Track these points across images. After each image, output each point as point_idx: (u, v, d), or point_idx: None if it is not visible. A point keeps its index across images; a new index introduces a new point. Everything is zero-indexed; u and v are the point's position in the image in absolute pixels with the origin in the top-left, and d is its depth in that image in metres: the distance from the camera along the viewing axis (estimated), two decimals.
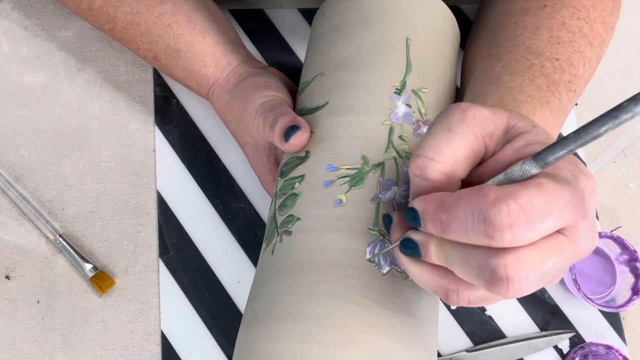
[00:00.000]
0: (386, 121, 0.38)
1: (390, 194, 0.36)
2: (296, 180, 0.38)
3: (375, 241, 0.34)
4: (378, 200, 0.35)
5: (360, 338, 0.31)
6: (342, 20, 0.42)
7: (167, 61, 0.47)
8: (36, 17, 0.56)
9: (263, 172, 0.47)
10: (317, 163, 0.38)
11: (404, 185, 0.36)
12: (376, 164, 0.36)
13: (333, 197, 0.36)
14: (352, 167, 0.36)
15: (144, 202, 0.52)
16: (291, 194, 0.38)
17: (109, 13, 0.46)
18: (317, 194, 0.36)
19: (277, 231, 0.37)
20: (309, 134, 0.39)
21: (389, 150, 0.37)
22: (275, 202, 0.39)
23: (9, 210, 0.51)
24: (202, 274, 0.50)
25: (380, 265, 0.34)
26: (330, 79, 0.41)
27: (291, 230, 0.36)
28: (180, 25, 0.46)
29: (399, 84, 0.39)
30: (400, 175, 0.36)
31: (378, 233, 0.34)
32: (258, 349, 0.33)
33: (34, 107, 0.54)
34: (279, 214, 0.38)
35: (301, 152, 0.39)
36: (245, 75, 0.46)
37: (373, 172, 0.36)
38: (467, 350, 0.49)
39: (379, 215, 0.35)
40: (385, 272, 0.34)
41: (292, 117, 0.40)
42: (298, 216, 0.36)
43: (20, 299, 0.49)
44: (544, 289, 0.51)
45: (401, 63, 0.40)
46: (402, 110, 0.38)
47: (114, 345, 0.48)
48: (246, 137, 0.45)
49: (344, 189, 0.36)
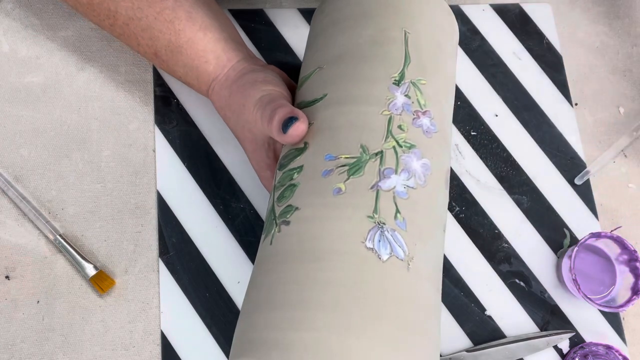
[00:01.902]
0: (385, 111, 0.38)
1: (390, 182, 0.36)
2: (295, 171, 0.38)
3: (375, 229, 0.34)
4: (377, 189, 0.35)
5: (360, 325, 0.31)
6: (340, 15, 0.43)
7: (168, 57, 0.47)
8: (36, 17, 0.56)
9: (262, 167, 0.47)
10: (316, 153, 0.38)
11: (404, 173, 0.36)
12: (375, 152, 0.36)
13: (332, 186, 0.36)
14: (351, 156, 0.36)
15: (144, 202, 0.52)
16: (290, 185, 0.38)
17: (110, 8, 0.46)
18: (316, 183, 0.36)
19: (276, 222, 0.37)
20: (307, 124, 0.39)
21: (388, 139, 0.37)
22: (274, 194, 0.39)
23: (9, 210, 0.51)
24: (202, 274, 0.50)
25: (379, 252, 0.34)
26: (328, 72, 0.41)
27: (290, 220, 0.36)
28: (181, 21, 0.46)
29: (398, 75, 0.39)
30: (400, 164, 0.36)
31: (377, 221, 0.34)
32: (256, 338, 0.33)
33: (34, 107, 0.54)
34: (278, 205, 0.38)
35: (300, 143, 0.39)
36: (245, 71, 0.46)
37: (372, 161, 0.36)
38: (467, 350, 0.49)
39: (378, 203, 0.35)
40: (385, 259, 0.33)
41: (290, 108, 0.40)
42: (297, 206, 0.36)
43: (20, 299, 0.49)
44: (544, 289, 0.51)
45: (400, 55, 0.40)
46: (401, 101, 0.38)
47: (114, 345, 0.48)
48: (245, 132, 0.45)
49: (342, 177, 0.36)
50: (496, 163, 0.55)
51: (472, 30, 0.58)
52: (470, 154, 0.55)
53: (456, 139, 0.55)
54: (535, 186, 0.54)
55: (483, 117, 0.56)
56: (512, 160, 0.55)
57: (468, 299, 0.50)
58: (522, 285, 0.51)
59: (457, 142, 0.55)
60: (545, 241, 0.53)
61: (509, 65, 0.58)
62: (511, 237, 0.53)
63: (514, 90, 0.57)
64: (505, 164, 0.55)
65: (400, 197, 0.36)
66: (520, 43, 0.59)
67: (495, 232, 0.53)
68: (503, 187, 0.54)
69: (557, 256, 0.52)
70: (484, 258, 0.52)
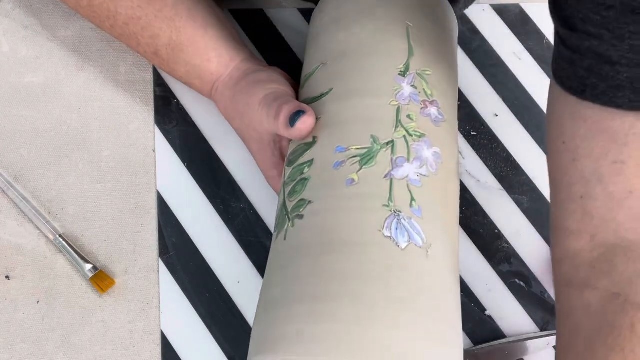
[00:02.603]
0: (393, 102, 0.38)
1: (403, 171, 0.36)
2: (305, 165, 0.38)
3: (392, 217, 0.34)
4: (391, 178, 0.35)
5: (380, 314, 0.31)
6: (340, 13, 0.43)
7: (169, 56, 0.47)
8: (36, 17, 0.56)
9: (268, 167, 0.46)
10: (326, 146, 0.38)
11: (416, 162, 0.36)
12: (386, 142, 0.36)
13: (344, 178, 0.35)
14: (362, 146, 0.36)
15: (144, 202, 0.52)
16: (301, 179, 0.37)
17: (110, 8, 0.46)
18: (328, 175, 0.36)
19: (289, 217, 0.37)
20: (314, 118, 0.39)
21: (398, 129, 0.37)
22: (285, 190, 0.39)
23: (9, 210, 0.51)
24: (202, 274, 0.50)
25: (397, 240, 0.33)
26: (333, 67, 0.41)
27: (303, 214, 0.36)
28: (182, 18, 0.46)
29: (403, 67, 0.39)
30: (411, 152, 0.36)
31: (393, 209, 0.34)
32: (277, 334, 0.32)
33: (34, 107, 0.54)
34: (289, 201, 0.37)
35: (308, 137, 0.39)
36: (249, 71, 0.46)
37: (384, 150, 0.36)
38: (467, 350, 0.49)
39: (392, 192, 0.35)
40: (404, 247, 0.33)
41: (296, 103, 0.40)
42: (309, 199, 0.36)
43: (20, 299, 0.49)
44: (544, 289, 0.51)
45: (403, 48, 0.40)
46: (408, 91, 0.38)
47: (114, 345, 0.48)
48: (250, 132, 0.45)
49: (355, 168, 0.36)
50: (496, 163, 0.55)
51: (472, 30, 0.58)
52: (470, 154, 0.55)
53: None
54: (535, 186, 0.54)
55: (483, 117, 0.56)
56: (512, 160, 0.55)
57: (468, 299, 0.50)
58: (522, 285, 0.51)
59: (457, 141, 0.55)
60: (545, 241, 0.53)
61: (509, 65, 0.58)
62: (511, 237, 0.53)
63: (514, 90, 0.57)
64: (505, 164, 0.55)
65: (414, 185, 0.35)
66: (520, 43, 0.59)
67: (495, 232, 0.53)
68: (503, 187, 0.54)
69: None
70: (484, 258, 0.52)
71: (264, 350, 0.33)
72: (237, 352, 0.48)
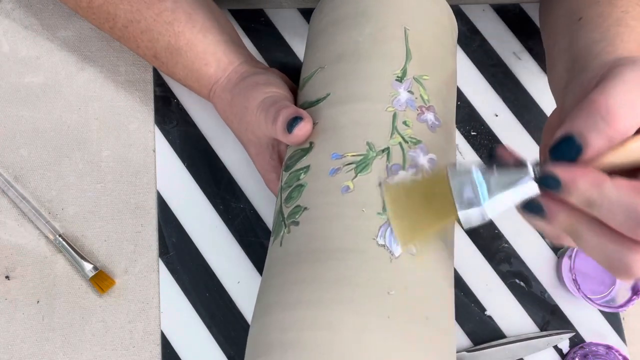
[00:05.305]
0: (389, 107, 0.38)
1: (398, 178, 0.36)
2: (301, 171, 0.38)
3: (386, 225, 0.34)
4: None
5: (375, 322, 0.31)
6: (339, 15, 0.43)
7: (168, 60, 0.47)
8: (36, 17, 0.56)
9: (267, 170, 0.46)
10: (322, 152, 0.38)
11: (411, 169, 0.36)
12: (382, 149, 0.36)
13: (340, 185, 0.36)
14: (357, 153, 0.36)
15: (144, 202, 0.52)
16: (297, 186, 0.38)
17: (109, 11, 0.46)
18: (324, 182, 0.36)
19: (285, 223, 0.37)
20: (312, 124, 0.39)
21: (393, 135, 0.37)
22: (281, 196, 0.39)
23: (9, 210, 0.51)
24: (202, 274, 0.50)
25: (391, 249, 0.34)
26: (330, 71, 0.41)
27: (299, 221, 0.36)
28: (181, 22, 0.46)
29: (400, 72, 0.39)
30: (406, 160, 0.36)
31: (387, 217, 0.34)
32: (271, 339, 0.33)
33: (34, 107, 0.54)
34: (285, 207, 0.38)
35: (305, 143, 0.39)
36: (247, 74, 0.46)
37: (379, 158, 0.36)
38: (467, 350, 0.49)
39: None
40: (398, 256, 0.33)
41: (294, 109, 0.40)
42: (305, 206, 0.36)
43: (20, 299, 0.49)
44: (544, 289, 0.51)
45: (401, 52, 0.40)
46: (405, 97, 0.38)
47: (114, 345, 0.48)
48: (249, 135, 0.45)
49: (350, 175, 0.36)
50: None
51: (472, 30, 0.58)
52: (471, 154, 0.55)
53: (456, 139, 0.55)
54: None
55: (483, 117, 0.56)
56: None
57: (468, 299, 0.50)
58: (522, 285, 0.51)
59: (457, 142, 0.55)
60: (545, 241, 0.53)
61: (509, 65, 0.58)
62: (511, 237, 0.53)
63: (514, 90, 0.57)
64: None
65: None
66: (520, 43, 0.59)
67: (495, 232, 0.53)
68: None
69: (557, 256, 0.52)
70: (484, 258, 0.52)
71: (258, 355, 0.33)
72: (237, 352, 0.48)
